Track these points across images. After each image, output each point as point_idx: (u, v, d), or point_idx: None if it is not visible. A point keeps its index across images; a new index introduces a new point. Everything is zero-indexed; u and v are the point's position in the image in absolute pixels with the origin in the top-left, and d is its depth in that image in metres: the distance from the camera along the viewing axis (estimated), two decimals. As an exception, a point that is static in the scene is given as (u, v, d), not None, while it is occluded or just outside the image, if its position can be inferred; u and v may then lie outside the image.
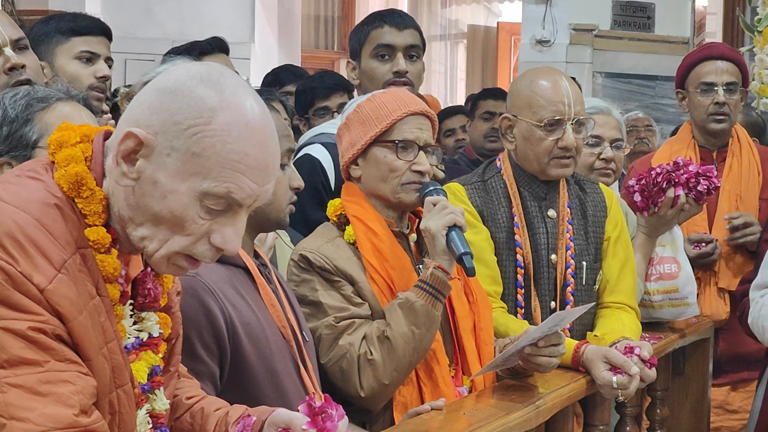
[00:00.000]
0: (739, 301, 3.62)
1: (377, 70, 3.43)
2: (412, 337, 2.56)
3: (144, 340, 1.76)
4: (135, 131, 1.60)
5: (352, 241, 2.71)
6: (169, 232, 1.64)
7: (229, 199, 1.63)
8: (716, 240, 3.91)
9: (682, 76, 4.14)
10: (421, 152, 2.70)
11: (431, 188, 2.68)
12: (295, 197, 2.46)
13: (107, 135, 1.71)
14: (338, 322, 2.61)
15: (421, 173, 2.69)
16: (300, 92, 4.73)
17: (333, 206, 2.79)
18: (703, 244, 3.90)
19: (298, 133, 3.93)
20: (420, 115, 2.73)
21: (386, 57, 3.43)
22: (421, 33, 3.54)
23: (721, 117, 4.01)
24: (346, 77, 3.61)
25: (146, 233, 1.65)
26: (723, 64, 4.04)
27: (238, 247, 1.68)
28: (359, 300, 2.65)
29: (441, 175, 2.75)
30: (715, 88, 4.00)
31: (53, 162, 1.68)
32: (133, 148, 1.61)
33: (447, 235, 2.58)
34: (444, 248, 2.59)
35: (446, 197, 2.68)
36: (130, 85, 3.60)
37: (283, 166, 2.38)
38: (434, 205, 2.63)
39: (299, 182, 2.46)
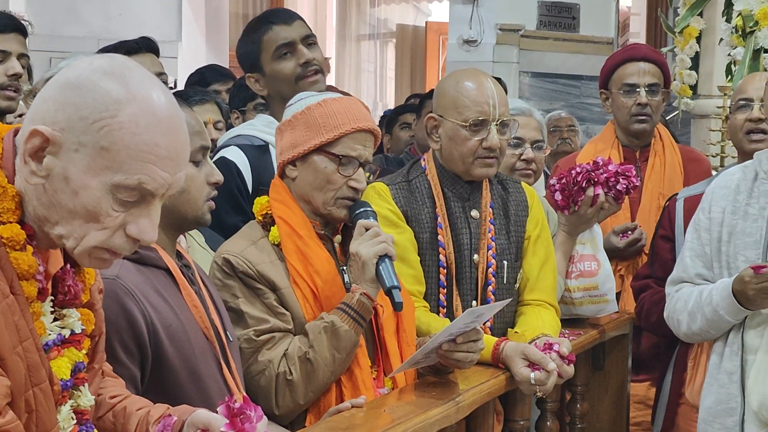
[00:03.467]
0: (635, 297, 3.70)
1: (284, 69, 3.37)
2: (332, 362, 2.59)
3: (66, 336, 1.75)
4: (40, 129, 1.60)
5: (276, 243, 2.71)
6: (84, 227, 1.64)
7: (142, 190, 1.64)
8: (640, 226, 3.99)
9: (606, 76, 4.19)
10: (360, 169, 2.72)
11: (362, 209, 2.70)
12: (215, 192, 2.44)
13: (18, 132, 1.70)
14: (258, 336, 2.61)
15: (356, 190, 2.71)
16: (243, 85, 4.73)
17: (259, 204, 2.78)
18: (630, 232, 3.97)
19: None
20: (367, 132, 2.75)
21: (288, 54, 3.38)
22: (305, 22, 3.51)
23: (643, 118, 4.07)
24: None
25: (63, 231, 1.64)
26: (645, 65, 4.09)
27: (154, 236, 1.68)
28: (281, 310, 2.65)
29: None
30: (638, 90, 4.05)
31: None
32: (40, 145, 1.61)
33: (377, 264, 2.61)
34: (373, 277, 2.62)
35: (377, 220, 2.71)
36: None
37: (197, 164, 2.37)
38: (366, 230, 2.65)
39: (218, 177, 2.43)
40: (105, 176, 1.61)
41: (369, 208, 2.72)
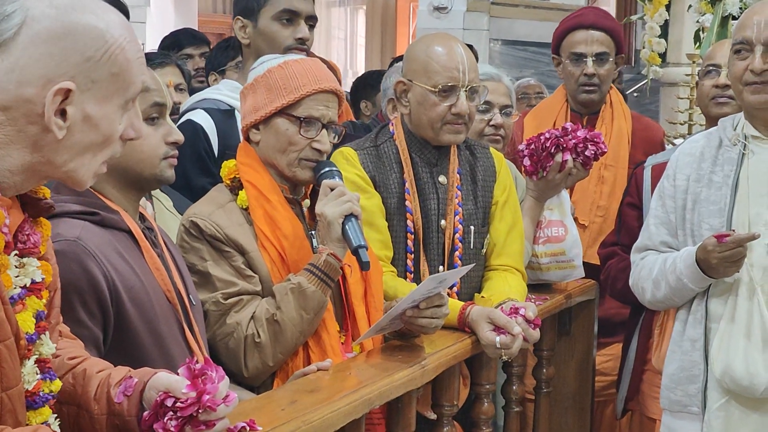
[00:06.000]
0: (602, 264, 3.69)
1: (279, 33, 3.38)
2: (300, 322, 2.58)
3: (27, 285, 1.74)
4: (62, 86, 1.63)
5: (244, 207, 2.69)
6: (99, 155, 1.72)
7: (142, 91, 1.82)
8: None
9: (557, 42, 4.13)
10: (324, 130, 2.70)
11: (328, 169, 2.68)
12: (175, 152, 2.39)
13: None
14: (226, 299, 2.60)
15: (320, 152, 2.69)
16: (226, 46, 4.71)
17: (227, 168, 2.76)
18: None
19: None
20: (329, 93, 2.72)
21: (289, 22, 3.39)
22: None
23: (591, 88, 4.02)
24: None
25: (73, 166, 1.70)
26: (594, 33, 4.01)
27: (144, 131, 1.79)
28: (249, 273, 2.64)
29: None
30: (585, 59, 4.00)
31: None
32: (62, 101, 1.64)
33: (343, 224, 2.60)
34: (339, 237, 2.61)
35: (342, 179, 2.69)
36: None
37: (153, 120, 2.35)
38: (331, 190, 2.64)
39: (177, 136, 2.39)
40: (119, 98, 1.71)
41: (334, 168, 2.70)
